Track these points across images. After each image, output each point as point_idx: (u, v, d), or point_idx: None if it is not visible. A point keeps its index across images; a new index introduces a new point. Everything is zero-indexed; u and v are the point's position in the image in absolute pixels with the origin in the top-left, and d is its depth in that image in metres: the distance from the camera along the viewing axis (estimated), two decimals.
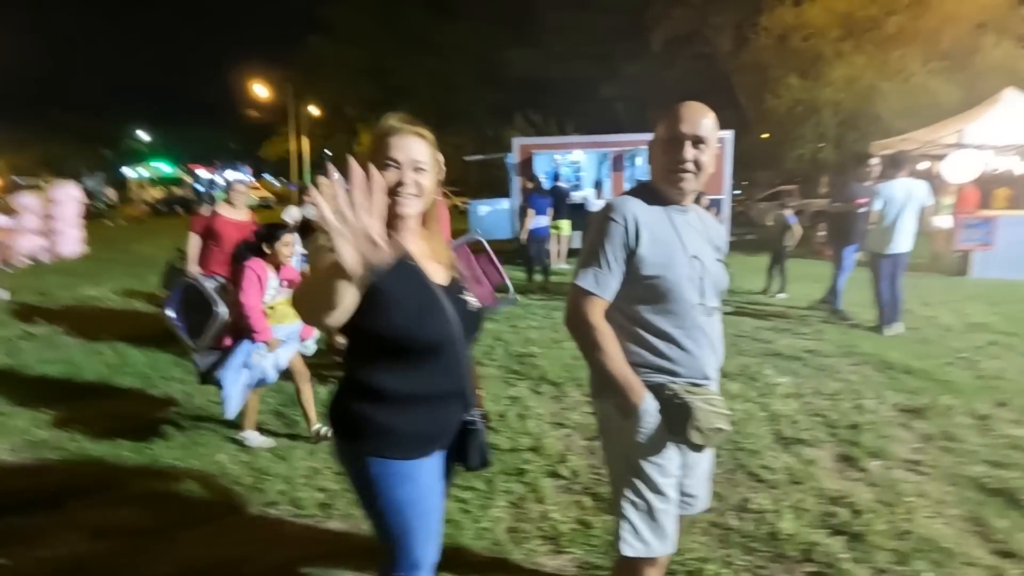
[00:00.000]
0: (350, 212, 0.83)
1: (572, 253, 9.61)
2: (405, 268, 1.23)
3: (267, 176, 52.52)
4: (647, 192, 1.51)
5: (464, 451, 1.36)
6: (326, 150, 46.14)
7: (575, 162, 11.52)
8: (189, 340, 3.31)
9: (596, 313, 1.45)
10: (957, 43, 14.58)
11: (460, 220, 6.62)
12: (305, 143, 34.70)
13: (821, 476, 2.74)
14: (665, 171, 1.47)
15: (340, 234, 0.83)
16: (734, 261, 10.93)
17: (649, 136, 1.54)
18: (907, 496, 2.56)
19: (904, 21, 15.52)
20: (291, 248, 3.21)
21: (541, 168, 10.85)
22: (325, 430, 3.18)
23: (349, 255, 0.84)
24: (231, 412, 3.04)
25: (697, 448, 1.44)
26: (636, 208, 1.45)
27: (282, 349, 3.15)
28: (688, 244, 1.47)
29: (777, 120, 16.15)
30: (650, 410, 1.43)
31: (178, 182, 32.62)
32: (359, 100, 37.59)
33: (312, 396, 3.30)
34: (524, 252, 8.11)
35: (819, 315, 6.07)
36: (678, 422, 1.41)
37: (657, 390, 1.44)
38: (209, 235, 4.37)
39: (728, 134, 12.43)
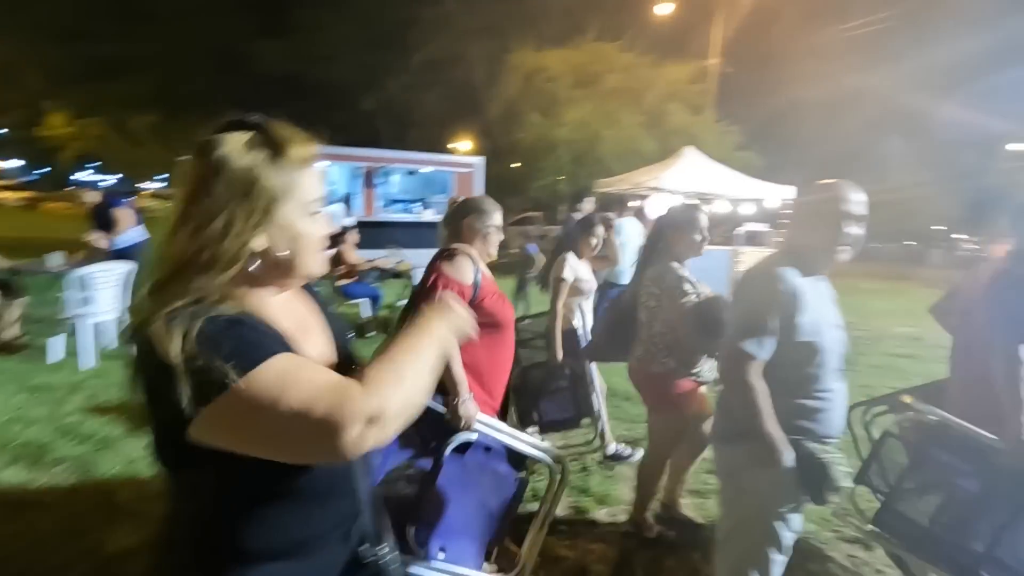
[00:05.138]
0: None
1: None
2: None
3: None
4: (799, 262, 1.64)
5: None
6: None
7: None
8: None
9: (755, 374, 1.60)
10: (654, 105, 17.96)
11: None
12: None
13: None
14: (828, 242, 1.62)
15: None
16: None
17: (408, 154, 1.08)
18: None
19: (619, 79, 18.55)
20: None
21: None
22: None
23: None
24: None
25: (822, 504, 1.60)
26: (793, 278, 1.61)
27: None
28: (830, 314, 1.68)
29: (524, 152, 17.61)
30: (789, 462, 1.55)
31: None
32: (48, 69, 29.72)
33: None
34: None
35: None
36: (815, 481, 1.55)
37: (794, 446, 1.57)
38: None
39: (480, 160, 12.96)
